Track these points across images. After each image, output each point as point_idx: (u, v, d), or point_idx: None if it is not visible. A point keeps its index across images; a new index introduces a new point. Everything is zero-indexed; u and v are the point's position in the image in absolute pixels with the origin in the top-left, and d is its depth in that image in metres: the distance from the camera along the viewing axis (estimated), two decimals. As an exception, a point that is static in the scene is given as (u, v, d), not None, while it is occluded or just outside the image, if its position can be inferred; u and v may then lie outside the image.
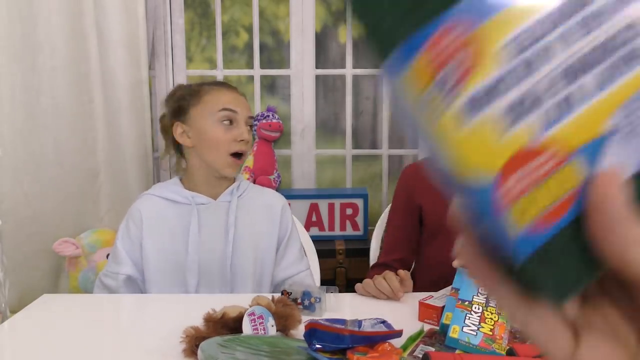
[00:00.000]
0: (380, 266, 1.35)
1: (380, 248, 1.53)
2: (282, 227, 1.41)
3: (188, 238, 1.31)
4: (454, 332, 0.90)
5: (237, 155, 1.33)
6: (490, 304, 0.93)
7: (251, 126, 1.37)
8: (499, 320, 0.91)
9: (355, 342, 0.82)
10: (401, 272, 1.22)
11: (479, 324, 0.90)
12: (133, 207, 1.37)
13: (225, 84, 1.40)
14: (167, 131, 1.39)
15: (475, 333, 0.89)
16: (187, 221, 1.32)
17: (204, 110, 1.32)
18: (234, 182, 1.41)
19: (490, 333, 0.89)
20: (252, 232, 1.36)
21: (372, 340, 0.84)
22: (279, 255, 1.40)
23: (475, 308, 0.93)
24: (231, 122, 1.32)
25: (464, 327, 0.90)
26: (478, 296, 0.95)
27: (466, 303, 0.94)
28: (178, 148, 1.39)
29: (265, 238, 1.38)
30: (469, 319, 0.91)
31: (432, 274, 1.26)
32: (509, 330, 0.90)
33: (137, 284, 1.31)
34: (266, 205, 1.41)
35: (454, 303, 0.94)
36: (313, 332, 0.82)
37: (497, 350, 0.86)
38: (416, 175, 1.45)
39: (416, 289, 1.24)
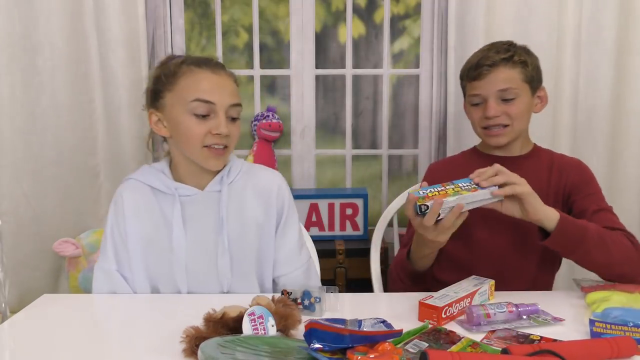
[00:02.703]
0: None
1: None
2: (277, 211, 1.26)
3: (172, 234, 1.20)
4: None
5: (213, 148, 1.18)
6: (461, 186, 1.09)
7: (235, 118, 1.20)
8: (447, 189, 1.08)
9: (355, 341, 0.82)
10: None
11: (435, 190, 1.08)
12: (117, 192, 1.26)
13: (208, 63, 1.21)
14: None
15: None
16: (171, 214, 1.21)
17: (177, 98, 1.17)
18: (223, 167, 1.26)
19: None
20: (249, 223, 1.24)
21: (372, 340, 0.84)
22: (276, 246, 1.27)
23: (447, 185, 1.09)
24: (207, 113, 1.16)
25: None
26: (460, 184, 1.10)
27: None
28: None
29: (264, 226, 1.25)
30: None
31: (450, 273, 1.27)
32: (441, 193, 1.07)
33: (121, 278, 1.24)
34: (261, 188, 1.26)
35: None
36: (313, 332, 0.82)
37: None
38: (438, 175, 1.41)
39: (437, 284, 1.21)
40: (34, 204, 1.84)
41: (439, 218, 1.07)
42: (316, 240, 1.51)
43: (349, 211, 2.06)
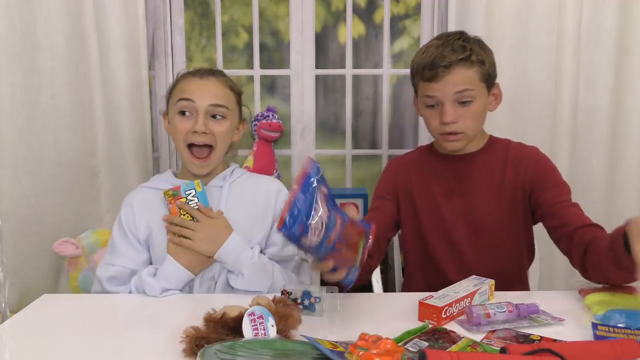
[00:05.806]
0: None
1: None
2: (276, 211, 1.35)
3: None
4: None
5: (196, 148, 1.30)
6: None
7: (216, 115, 1.30)
8: None
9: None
10: None
11: None
12: (125, 199, 1.38)
13: (201, 70, 1.35)
14: None
15: None
16: None
17: (172, 102, 1.34)
18: (227, 168, 1.39)
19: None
20: (246, 217, 1.32)
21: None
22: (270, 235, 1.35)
23: None
24: (189, 112, 1.30)
25: None
26: None
27: None
28: None
29: (260, 222, 1.34)
30: None
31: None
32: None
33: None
34: (262, 188, 1.37)
35: None
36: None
37: None
38: (396, 172, 1.45)
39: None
40: (34, 204, 1.84)
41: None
42: (316, 240, 1.51)
43: (349, 211, 2.05)
